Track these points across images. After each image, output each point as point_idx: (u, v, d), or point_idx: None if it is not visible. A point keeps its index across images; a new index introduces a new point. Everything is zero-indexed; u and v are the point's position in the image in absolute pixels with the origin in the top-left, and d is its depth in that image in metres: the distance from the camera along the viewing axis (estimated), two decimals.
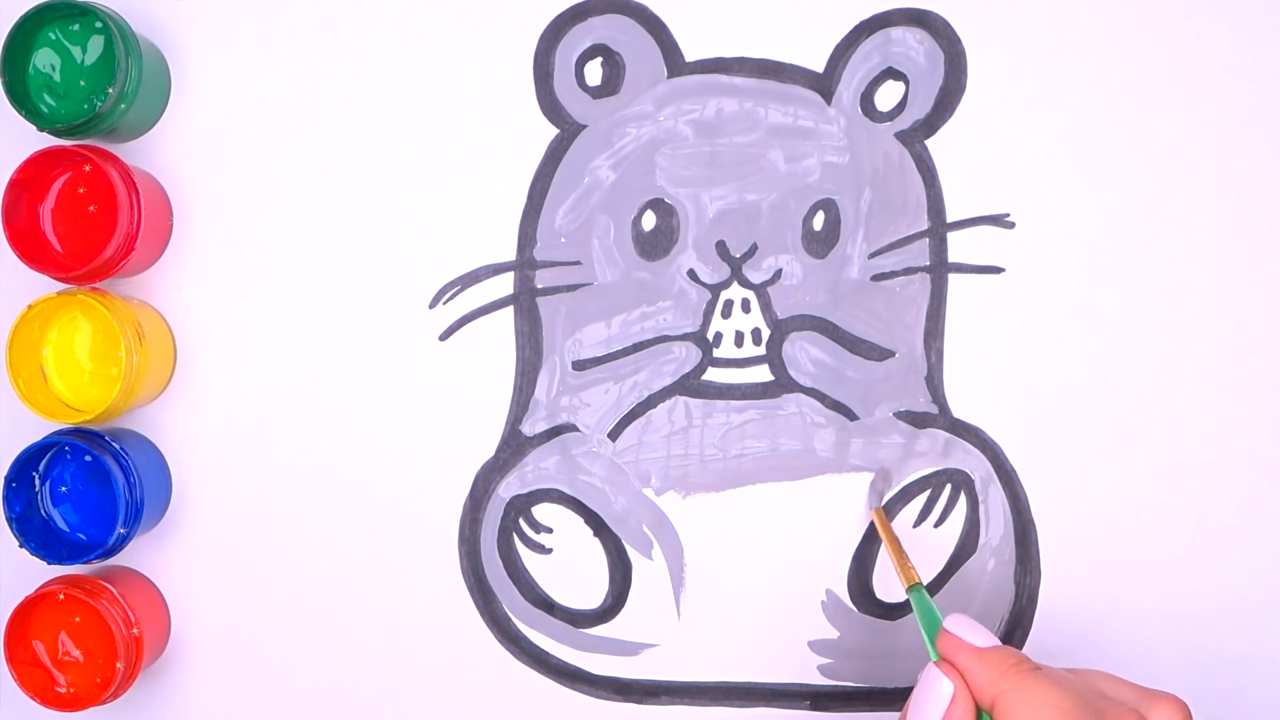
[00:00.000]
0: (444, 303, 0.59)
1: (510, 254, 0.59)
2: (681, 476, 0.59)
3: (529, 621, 0.59)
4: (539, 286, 0.59)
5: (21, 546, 0.56)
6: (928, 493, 0.58)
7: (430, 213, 0.59)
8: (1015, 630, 0.58)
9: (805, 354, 0.58)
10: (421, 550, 0.59)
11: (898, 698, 0.58)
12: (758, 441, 0.58)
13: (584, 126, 0.59)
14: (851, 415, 0.58)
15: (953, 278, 0.58)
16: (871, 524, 0.58)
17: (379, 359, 0.59)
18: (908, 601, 0.58)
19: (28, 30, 0.56)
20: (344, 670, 0.59)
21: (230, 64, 0.59)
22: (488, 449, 0.59)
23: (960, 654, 0.47)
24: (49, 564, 0.56)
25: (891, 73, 0.58)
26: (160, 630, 0.59)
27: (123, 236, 0.56)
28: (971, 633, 0.48)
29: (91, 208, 0.56)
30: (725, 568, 0.59)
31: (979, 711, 0.46)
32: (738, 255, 0.58)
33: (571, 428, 0.59)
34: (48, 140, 0.57)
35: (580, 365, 0.59)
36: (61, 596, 0.56)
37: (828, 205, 0.58)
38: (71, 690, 0.56)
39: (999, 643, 0.47)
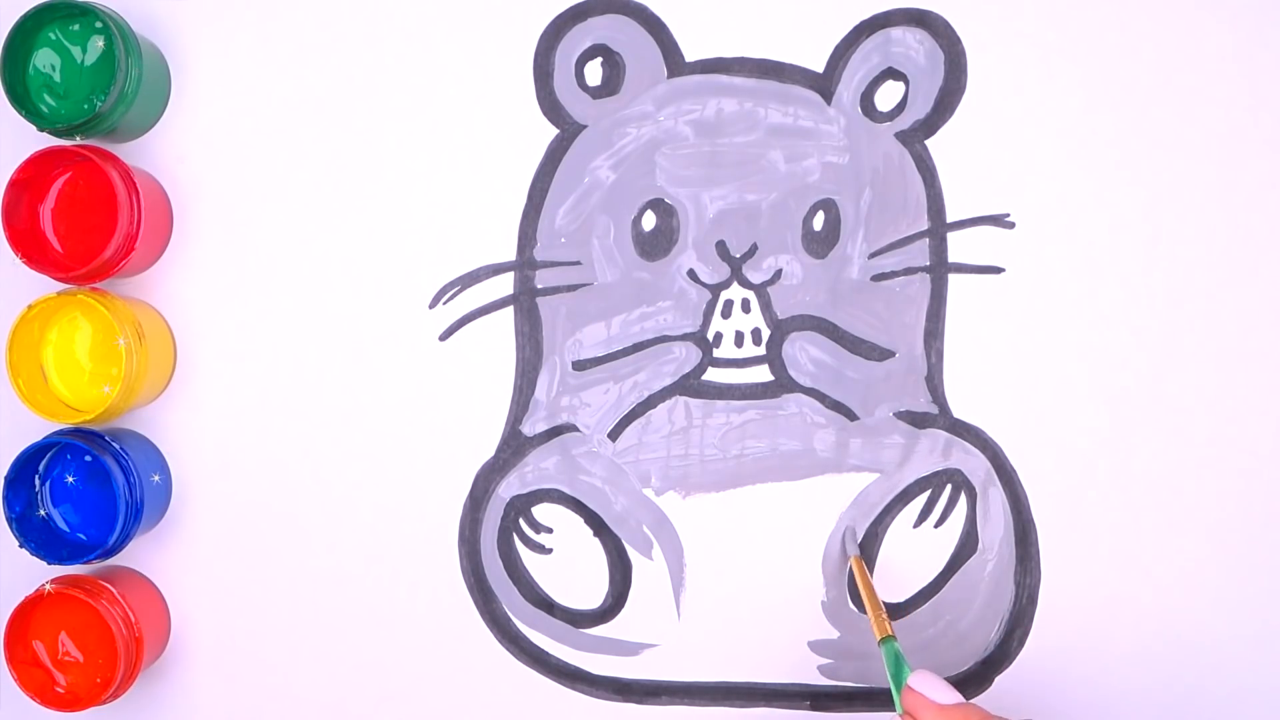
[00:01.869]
0: (444, 303, 0.59)
1: (510, 254, 0.59)
2: (681, 476, 0.59)
3: (529, 621, 0.59)
4: (539, 286, 0.59)
5: (21, 546, 0.56)
6: (928, 493, 0.58)
7: (430, 213, 0.59)
8: (1015, 630, 0.58)
9: (805, 354, 0.58)
10: (421, 550, 0.59)
11: None
12: (758, 441, 0.58)
13: (584, 126, 0.59)
14: (851, 415, 0.58)
15: (953, 278, 0.58)
16: (841, 552, 0.58)
17: (379, 359, 0.59)
18: (907, 602, 0.58)
19: (28, 30, 0.56)
20: (344, 670, 0.59)
21: (230, 64, 0.59)
22: (488, 449, 0.59)
23: (924, 711, 0.49)
24: (49, 564, 0.56)
25: (891, 73, 0.58)
26: (160, 630, 0.59)
27: (123, 236, 0.56)
28: (936, 690, 0.49)
29: None
30: (725, 568, 0.59)
31: None
32: (738, 255, 0.58)
33: (571, 428, 0.59)
34: (48, 140, 0.57)
35: (580, 365, 0.59)
36: (60, 595, 0.56)
37: (828, 205, 0.58)
38: (71, 690, 0.56)
39: (962, 699, 0.49)
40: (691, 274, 0.58)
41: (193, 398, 0.59)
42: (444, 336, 0.59)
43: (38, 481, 0.57)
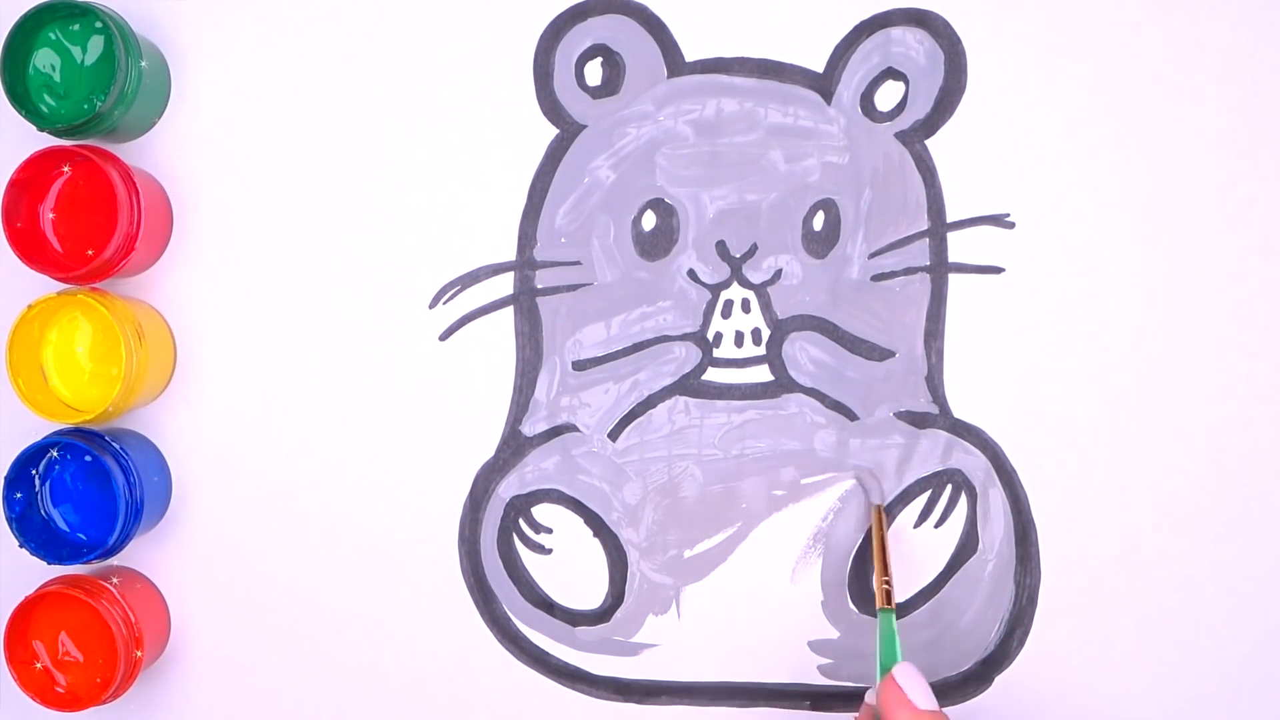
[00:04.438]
0: (444, 303, 0.59)
1: (510, 254, 0.59)
2: (682, 476, 0.58)
3: (529, 621, 0.59)
4: (539, 286, 0.59)
5: (21, 546, 0.56)
6: (928, 493, 0.58)
7: (430, 213, 0.59)
8: (1015, 630, 0.58)
9: (805, 354, 0.58)
10: (421, 550, 0.59)
11: None
12: (758, 441, 0.58)
13: (584, 126, 0.59)
14: (852, 415, 0.58)
15: (953, 278, 0.58)
16: (868, 525, 0.58)
17: (379, 359, 0.59)
18: (907, 603, 0.58)
19: (28, 30, 0.56)
20: (344, 670, 0.59)
21: (230, 64, 0.59)
22: (488, 449, 0.59)
23: (899, 711, 0.48)
24: (49, 564, 0.56)
25: (891, 73, 0.58)
26: (160, 630, 0.59)
27: (123, 236, 0.56)
28: (916, 689, 0.48)
29: None
30: (725, 568, 0.58)
31: None
32: (738, 255, 0.58)
33: (571, 428, 0.59)
34: (48, 140, 0.57)
35: (580, 365, 0.59)
36: (60, 595, 0.56)
37: (828, 205, 0.58)
38: (71, 690, 0.56)
39: (937, 707, 0.48)
40: (691, 274, 0.58)
41: (193, 398, 0.59)
42: (444, 336, 0.59)
43: (38, 481, 0.57)
